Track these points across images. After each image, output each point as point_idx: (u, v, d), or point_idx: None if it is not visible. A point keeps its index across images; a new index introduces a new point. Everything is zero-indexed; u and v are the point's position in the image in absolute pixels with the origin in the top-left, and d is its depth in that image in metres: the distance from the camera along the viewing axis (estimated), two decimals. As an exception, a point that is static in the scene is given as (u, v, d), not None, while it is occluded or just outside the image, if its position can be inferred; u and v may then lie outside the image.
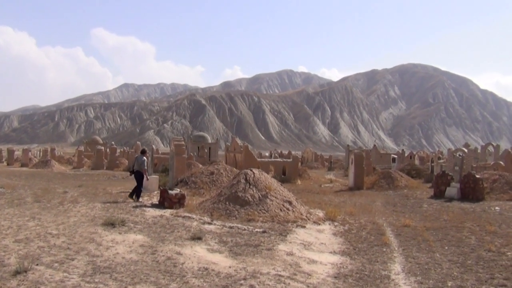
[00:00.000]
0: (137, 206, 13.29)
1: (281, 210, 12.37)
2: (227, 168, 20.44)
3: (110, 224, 9.66)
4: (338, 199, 19.23)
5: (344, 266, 7.71)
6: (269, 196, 12.82)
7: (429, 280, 7.02)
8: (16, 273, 5.94)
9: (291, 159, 32.64)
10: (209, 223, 10.87)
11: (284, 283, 6.36)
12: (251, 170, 14.21)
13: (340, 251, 8.93)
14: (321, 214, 13.44)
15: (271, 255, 8.01)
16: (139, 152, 16.51)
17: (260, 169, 15.11)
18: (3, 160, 53.32)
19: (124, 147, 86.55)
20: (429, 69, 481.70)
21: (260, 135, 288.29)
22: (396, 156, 54.06)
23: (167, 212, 12.25)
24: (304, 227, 11.27)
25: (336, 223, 12.28)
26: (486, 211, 15.09)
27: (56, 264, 6.55)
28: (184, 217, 11.55)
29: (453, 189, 19.10)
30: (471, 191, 18.50)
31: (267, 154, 79.41)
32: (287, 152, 72.34)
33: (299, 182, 28.47)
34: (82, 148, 64.21)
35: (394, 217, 13.86)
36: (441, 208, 16.00)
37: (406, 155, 55.84)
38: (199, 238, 8.86)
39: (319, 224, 11.90)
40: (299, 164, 36.72)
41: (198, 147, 49.69)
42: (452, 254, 8.84)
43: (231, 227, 10.46)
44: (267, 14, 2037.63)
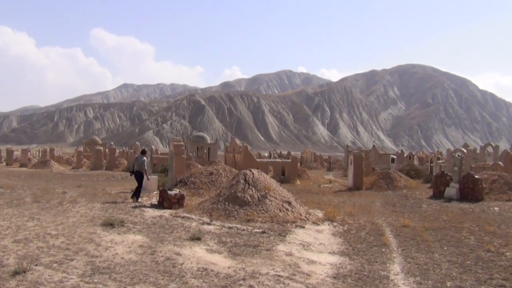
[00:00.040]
0: (136, 207, 13.28)
1: (280, 210, 12.38)
2: (226, 169, 20.44)
3: (109, 224, 9.66)
4: (337, 199, 19.24)
5: (343, 267, 7.72)
6: (268, 197, 12.82)
7: (428, 280, 7.03)
8: (15, 273, 5.94)
9: (290, 160, 32.64)
10: (208, 224, 10.87)
11: (283, 284, 6.37)
12: (250, 170, 14.22)
13: (339, 252, 8.94)
14: (320, 214, 13.45)
15: (270, 256, 8.02)
16: (139, 153, 16.52)
17: (259, 170, 15.11)
18: (2, 160, 53.29)
19: (123, 148, 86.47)
20: (428, 69, 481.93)
21: (260, 135, 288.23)
22: (395, 157, 53.99)
23: (166, 213, 12.25)
24: (303, 227, 11.27)
25: (335, 224, 12.28)
26: (485, 212, 15.10)
27: (55, 265, 6.55)
28: (183, 217, 11.55)
29: (452, 190, 19.12)
30: (470, 192, 18.52)
31: (266, 154, 79.39)
32: (286, 153, 72.32)
33: (298, 182, 28.48)
34: (81, 148, 64.29)
35: (393, 218, 13.87)
36: (440, 209, 16.01)
37: (405, 155, 55.86)
38: (198, 239, 8.86)
39: (318, 225, 11.90)
40: (298, 164, 36.77)
41: (197, 148, 49.65)
42: (451, 254, 8.85)
43: (230, 228, 10.46)
44: (266, 14, 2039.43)
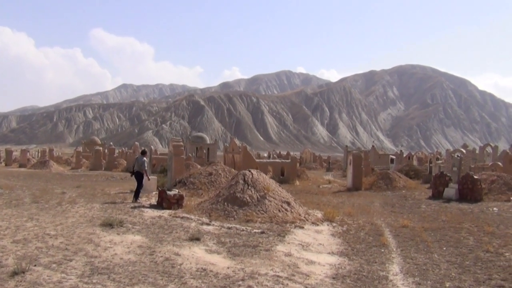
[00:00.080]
0: (135, 207, 13.28)
1: (279, 210, 12.38)
2: (226, 169, 20.44)
3: (108, 224, 9.65)
4: (336, 199, 19.25)
5: (342, 267, 7.72)
6: (267, 197, 12.82)
7: (427, 281, 7.03)
8: (14, 274, 5.93)
9: (289, 160, 32.64)
10: (208, 224, 10.87)
11: (282, 284, 6.37)
12: (250, 171, 14.22)
13: (338, 252, 8.94)
14: (319, 214, 13.45)
15: (269, 256, 8.02)
16: (139, 153, 16.51)
17: (258, 170, 15.10)
18: (1, 160, 53.28)
19: (123, 148, 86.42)
20: (428, 70, 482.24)
21: (259, 135, 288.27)
22: (394, 157, 53.98)
23: (166, 213, 12.24)
24: (303, 227, 11.27)
25: (334, 224, 12.28)
26: (484, 212, 15.11)
27: (54, 265, 6.54)
28: (182, 217, 11.55)
29: (451, 190, 19.12)
30: (469, 192, 18.52)
31: (265, 154, 79.40)
32: (285, 153, 72.36)
33: (298, 182, 28.48)
34: (80, 148, 64.32)
35: (392, 218, 13.88)
36: (439, 209, 16.02)
37: (404, 155, 55.84)
38: (198, 239, 8.86)
39: (318, 225, 11.91)
40: (298, 164, 36.77)
41: (197, 148, 49.65)
42: (450, 254, 8.85)
43: (229, 228, 10.46)
44: (265, 15, 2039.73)
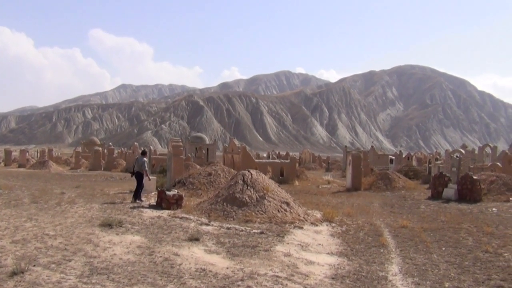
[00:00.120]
0: (134, 207, 13.27)
1: (278, 211, 12.38)
2: (225, 169, 20.43)
3: (108, 225, 9.64)
4: (335, 200, 19.25)
5: (342, 267, 7.72)
6: (266, 197, 12.82)
7: (426, 281, 7.03)
8: (13, 274, 5.92)
9: (288, 160, 32.66)
10: (207, 224, 10.87)
11: (281, 284, 6.37)
12: (249, 171, 14.21)
13: (338, 252, 8.95)
14: (318, 215, 13.45)
15: (269, 256, 8.02)
16: (139, 154, 16.51)
17: (257, 170, 15.10)
18: (1, 161, 53.24)
19: (122, 148, 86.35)
20: (427, 70, 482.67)
21: (258, 136, 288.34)
22: (393, 157, 54.06)
23: (165, 213, 12.24)
24: (302, 228, 11.27)
25: (333, 224, 12.29)
26: (483, 212, 15.12)
27: (53, 265, 6.54)
28: (181, 218, 11.54)
29: (450, 190, 19.14)
30: (469, 192, 18.54)
31: (265, 155, 79.39)
32: (285, 153, 72.39)
33: (297, 183, 28.49)
34: (79, 149, 64.30)
35: (391, 218, 13.89)
36: (438, 209, 16.03)
37: (403, 156, 55.86)
38: (197, 239, 8.85)
39: (317, 225, 11.91)
40: (297, 165, 36.77)
41: (196, 148, 49.67)
42: (449, 255, 8.86)
43: (228, 228, 10.46)
44: (265, 15, 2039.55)
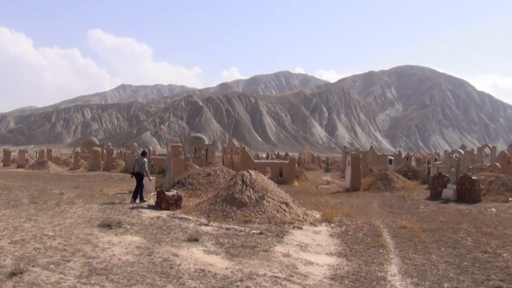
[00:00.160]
0: (133, 208, 13.27)
1: (277, 211, 12.38)
2: (224, 170, 20.43)
3: (107, 225, 9.64)
4: (335, 200, 19.26)
5: (341, 268, 7.72)
6: (266, 198, 12.82)
7: (425, 281, 7.04)
8: (12, 274, 5.92)
9: (288, 161, 32.67)
10: (206, 225, 10.86)
11: (280, 285, 6.37)
12: (248, 171, 14.22)
13: (337, 253, 8.95)
14: (317, 215, 13.46)
15: (268, 257, 8.01)
16: (139, 154, 16.51)
17: (257, 171, 15.11)
18: (0, 161, 53.12)
19: (121, 148, 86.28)
20: (426, 70, 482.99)
21: (257, 136, 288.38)
22: (392, 158, 54.16)
23: (164, 214, 12.23)
24: (301, 228, 11.28)
25: (332, 225, 12.29)
26: (483, 213, 15.14)
27: (52, 266, 6.53)
28: (180, 218, 11.54)
29: (449, 191, 19.16)
30: (468, 193, 18.56)
31: (264, 155, 79.44)
32: (284, 154, 72.41)
33: (296, 183, 28.50)
34: (78, 149, 64.18)
35: (390, 219, 13.90)
36: (437, 210, 16.05)
37: (402, 156, 55.96)
38: (196, 240, 8.85)
39: (316, 226, 11.91)
40: (296, 165, 36.77)
41: (195, 149, 49.67)
42: (448, 255, 8.86)
43: (227, 229, 10.46)
44: (264, 15, 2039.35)
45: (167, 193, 13.52)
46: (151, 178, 18.66)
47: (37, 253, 7.21)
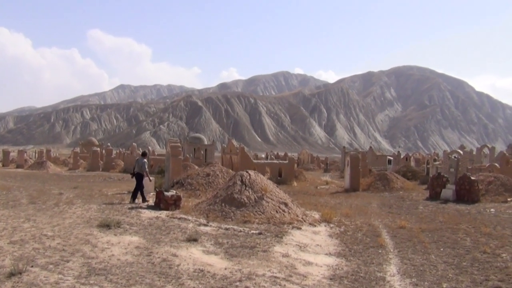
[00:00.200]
0: (132, 208, 13.26)
1: (277, 211, 12.38)
2: (223, 170, 20.43)
3: (106, 225, 9.63)
4: (334, 200, 19.27)
5: (340, 268, 7.72)
6: (265, 198, 12.82)
7: (424, 281, 7.04)
8: (11, 275, 5.91)
9: (287, 161, 32.67)
10: (205, 225, 10.86)
11: (279, 285, 6.37)
12: (247, 171, 14.21)
13: (336, 253, 8.95)
14: (317, 215, 13.46)
15: (267, 257, 8.01)
16: (139, 155, 16.51)
17: (256, 171, 15.11)
18: (-2, 161, 53.05)
19: (120, 149, 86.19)
20: (425, 71, 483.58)
21: (257, 136, 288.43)
22: (392, 158, 54.21)
23: (163, 214, 12.23)
24: (300, 228, 11.28)
25: (331, 225, 12.29)
26: (481, 213, 15.16)
27: (51, 266, 6.52)
28: (180, 218, 11.54)
29: (448, 191, 19.18)
30: (467, 193, 18.58)
31: (263, 155, 79.44)
32: (283, 154, 72.41)
33: (295, 183, 28.50)
34: (78, 149, 64.10)
35: (389, 219, 13.90)
36: (436, 210, 16.06)
37: (402, 157, 55.95)
38: (195, 240, 8.85)
39: (315, 226, 11.91)
40: (295, 165, 36.79)
41: (194, 149, 49.67)
42: (447, 255, 8.87)
43: (227, 229, 10.46)
44: (263, 16, 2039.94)
45: (166, 193, 13.52)
46: (151, 178, 18.70)
47: (36, 253, 7.20)
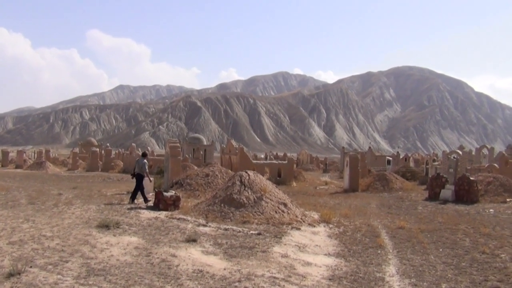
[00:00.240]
0: (132, 208, 13.25)
1: (276, 212, 12.38)
2: (222, 170, 20.42)
3: (105, 226, 9.62)
4: (333, 201, 19.26)
5: (339, 268, 7.72)
6: (264, 198, 12.82)
7: (423, 282, 7.05)
8: (10, 275, 5.90)
9: (286, 161, 32.66)
10: (204, 225, 10.86)
11: (278, 285, 6.36)
12: (246, 172, 14.21)
13: (335, 253, 8.95)
14: (316, 216, 13.46)
15: (266, 257, 8.01)
16: (139, 155, 16.50)
17: (255, 171, 15.10)
18: (-3, 161, 52.96)
19: (119, 149, 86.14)
20: (424, 71, 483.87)
21: (256, 137, 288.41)
22: (391, 158, 54.25)
23: (162, 214, 12.22)
24: (299, 229, 11.27)
25: (331, 225, 12.29)
26: (481, 213, 15.17)
27: (50, 266, 6.52)
28: (179, 219, 11.53)
29: (447, 191, 19.19)
30: (466, 193, 18.59)
31: (262, 156, 79.46)
32: (282, 154, 72.39)
33: (294, 184, 28.51)
34: (77, 149, 64.04)
35: (389, 219, 13.90)
36: (435, 210, 16.07)
37: (401, 157, 55.99)
38: (194, 240, 8.84)
39: (314, 226, 11.91)
40: (294, 166, 36.80)
41: (194, 149, 49.63)
42: (446, 256, 8.88)
43: (226, 229, 10.45)
44: (263, 16, 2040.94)
45: (165, 193, 13.51)
46: (151, 179, 18.69)
47: (35, 254, 7.20)
